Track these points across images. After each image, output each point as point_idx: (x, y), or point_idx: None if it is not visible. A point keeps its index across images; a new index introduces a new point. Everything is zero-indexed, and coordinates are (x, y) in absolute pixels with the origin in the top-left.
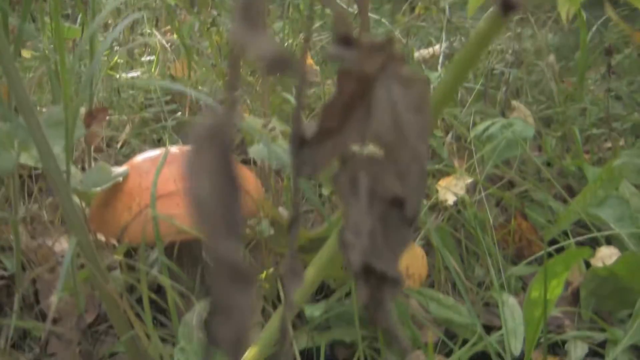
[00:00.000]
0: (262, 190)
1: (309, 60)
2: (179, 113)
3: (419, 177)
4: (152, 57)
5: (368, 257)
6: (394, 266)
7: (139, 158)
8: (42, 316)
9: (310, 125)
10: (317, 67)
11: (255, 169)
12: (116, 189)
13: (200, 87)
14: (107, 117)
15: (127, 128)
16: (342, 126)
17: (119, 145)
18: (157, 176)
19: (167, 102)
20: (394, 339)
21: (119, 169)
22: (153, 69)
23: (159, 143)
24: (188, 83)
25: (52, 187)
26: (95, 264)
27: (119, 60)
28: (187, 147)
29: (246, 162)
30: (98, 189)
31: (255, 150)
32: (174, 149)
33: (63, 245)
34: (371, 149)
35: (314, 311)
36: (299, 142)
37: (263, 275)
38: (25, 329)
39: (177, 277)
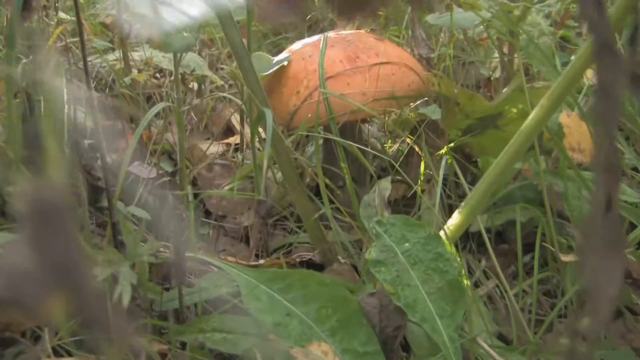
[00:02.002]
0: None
1: None
2: None
3: None
4: None
5: None
6: None
7: (298, 44)
8: (206, 214)
9: None
10: None
11: None
12: (280, 75)
13: None
14: None
15: None
16: None
17: None
18: (322, 56)
19: None
20: None
21: (280, 56)
22: None
23: None
24: None
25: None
26: (282, 143)
27: None
28: None
29: None
30: (261, 75)
31: None
32: (331, 34)
33: (213, 148)
34: None
35: None
36: None
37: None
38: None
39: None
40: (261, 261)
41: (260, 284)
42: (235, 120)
